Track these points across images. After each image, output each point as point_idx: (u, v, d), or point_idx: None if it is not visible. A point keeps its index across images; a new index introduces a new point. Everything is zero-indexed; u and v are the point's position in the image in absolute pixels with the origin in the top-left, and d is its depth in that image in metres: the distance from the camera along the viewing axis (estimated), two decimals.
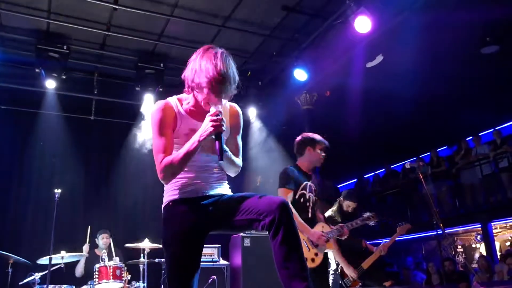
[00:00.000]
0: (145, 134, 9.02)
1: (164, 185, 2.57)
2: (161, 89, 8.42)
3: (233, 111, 2.67)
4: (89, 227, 6.81)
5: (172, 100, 2.53)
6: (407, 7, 6.79)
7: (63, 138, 8.61)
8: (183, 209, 2.46)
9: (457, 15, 6.98)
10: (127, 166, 8.98)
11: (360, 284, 5.61)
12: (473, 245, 13.99)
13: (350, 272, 5.53)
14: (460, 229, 12.53)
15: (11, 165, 8.32)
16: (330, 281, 5.78)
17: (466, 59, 8.86)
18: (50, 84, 7.82)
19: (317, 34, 7.73)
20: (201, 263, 2.51)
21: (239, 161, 2.61)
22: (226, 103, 2.63)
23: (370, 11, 6.63)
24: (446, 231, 7.47)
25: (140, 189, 8.82)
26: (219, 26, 7.75)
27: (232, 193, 2.59)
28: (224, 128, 2.31)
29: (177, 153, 2.36)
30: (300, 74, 8.10)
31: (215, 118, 2.29)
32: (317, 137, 4.71)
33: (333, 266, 5.80)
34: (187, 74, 2.44)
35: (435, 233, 5.42)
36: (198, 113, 2.48)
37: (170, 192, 2.52)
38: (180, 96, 2.57)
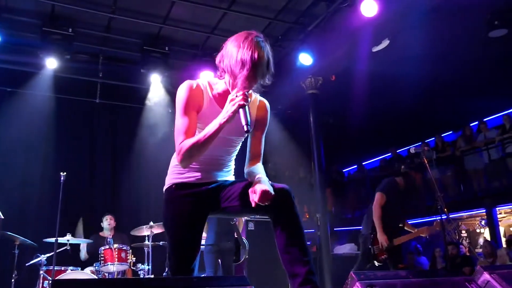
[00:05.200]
0: (150, 118, 9.08)
1: (169, 166, 2.54)
2: (166, 74, 8.43)
3: (262, 104, 2.54)
4: (81, 218, 6.69)
5: (202, 82, 2.41)
6: None
7: (68, 121, 8.64)
8: (185, 192, 2.44)
9: None
10: (132, 149, 9.00)
11: (385, 256, 5.58)
12: (478, 230, 13.99)
13: (382, 239, 5.49)
14: (464, 214, 12.50)
15: (17, 147, 8.34)
16: (360, 244, 5.90)
17: (474, 43, 8.75)
18: (52, 63, 7.88)
19: (322, 18, 7.67)
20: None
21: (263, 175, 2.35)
22: (257, 96, 2.54)
23: None
24: (450, 215, 7.44)
25: (145, 172, 8.85)
26: (224, 10, 7.69)
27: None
28: (247, 102, 2.18)
29: (197, 136, 2.23)
30: (305, 58, 8.05)
31: (238, 94, 2.16)
32: None
33: (364, 230, 5.84)
34: (223, 56, 2.31)
35: (440, 217, 5.39)
36: (225, 100, 2.26)
37: (174, 175, 2.49)
38: (211, 79, 2.45)
